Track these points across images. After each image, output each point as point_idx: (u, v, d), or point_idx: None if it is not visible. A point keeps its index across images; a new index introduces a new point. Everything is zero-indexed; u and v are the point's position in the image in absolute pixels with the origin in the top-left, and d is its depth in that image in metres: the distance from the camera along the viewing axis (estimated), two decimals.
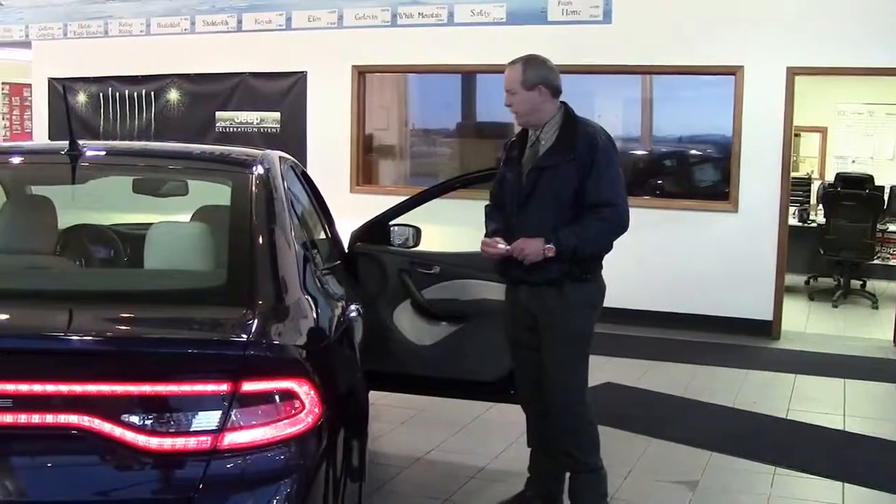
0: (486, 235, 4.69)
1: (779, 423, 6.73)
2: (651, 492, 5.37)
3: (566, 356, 4.60)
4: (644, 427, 6.45)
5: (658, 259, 9.55)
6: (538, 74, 4.57)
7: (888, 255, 12.77)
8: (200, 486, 2.82)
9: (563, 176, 4.47)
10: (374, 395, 4.58)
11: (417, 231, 5.57)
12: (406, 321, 5.37)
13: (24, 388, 2.77)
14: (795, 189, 11.89)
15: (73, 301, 3.39)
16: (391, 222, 5.55)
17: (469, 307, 5.26)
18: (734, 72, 9.29)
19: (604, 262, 4.66)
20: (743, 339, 9.19)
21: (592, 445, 4.71)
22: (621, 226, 4.52)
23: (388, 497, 5.18)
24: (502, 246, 4.53)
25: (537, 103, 4.58)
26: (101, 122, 11.99)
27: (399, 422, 6.39)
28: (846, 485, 5.50)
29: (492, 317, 5.02)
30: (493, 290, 5.03)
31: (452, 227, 6.46)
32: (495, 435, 6.11)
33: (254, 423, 2.87)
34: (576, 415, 4.64)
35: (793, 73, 9.13)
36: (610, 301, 4.75)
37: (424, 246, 5.64)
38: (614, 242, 4.58)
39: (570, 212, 4.48)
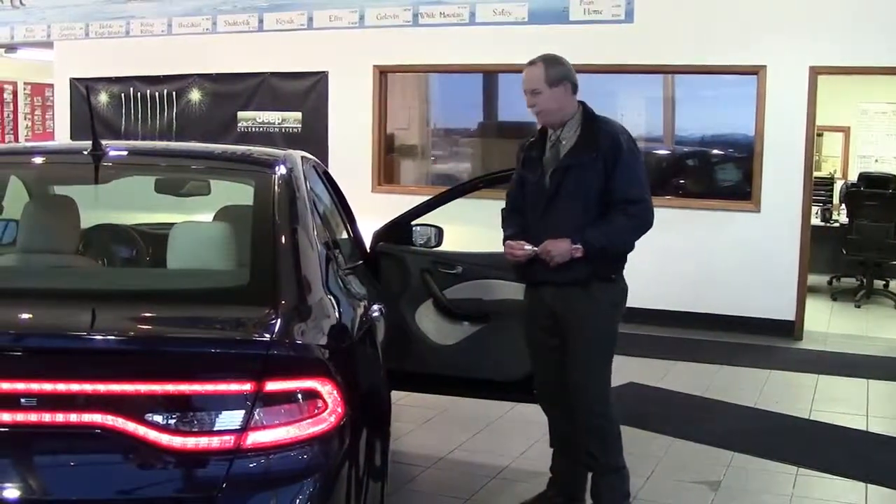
0: (505, 239, 4.67)
1: (801, 424, 6.69)
2: (673, 492, 5.36)
3: (592, 357, 4.58)
4: (666, 427, 6.44)
5: (680, 259, 9.52)
6: (560, 71, 4.56)
7: None
8: (224, 486, 2.82)
9: (588, 174, 4.45)
10: (395, 395, 4.57)
11: (440, 231, 5.57)
12: (428, 321, 5.37)
13: (48, 387, 2.78)
14: (818, 189, 11.84)
15: (96, 300, 3.40)
16: (413, 222, 5.55)
17: (491, 307, 5.25)
18: (757, 71, 9.25)
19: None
20: (765, 340, 9.15)
21: (616, 446, 4.69)
22: (648, 222, 4.50)
23: (410, 497, 5.19)
24: (528, 248, 4.50)
25: (563, 100, 4.56)
26: (123, 122, 12.03)
27: (421, 421, 6.39)
28: (869, 486, 5.47)
29: (514, 317, 5.00)
30: (516, 290, 5.01)
31: (475, 227, 6.45)
32: (517, 435, 6.11)
33: (277, 422, 2.87)
34: (601, 416, 4.63)
35: (815, 72, 9.08)
36: (632, 301, 4.72)
37: (447, 246, 5.64)
38: (636, 242, 4.57)
39: (596, 210, 4.47)
